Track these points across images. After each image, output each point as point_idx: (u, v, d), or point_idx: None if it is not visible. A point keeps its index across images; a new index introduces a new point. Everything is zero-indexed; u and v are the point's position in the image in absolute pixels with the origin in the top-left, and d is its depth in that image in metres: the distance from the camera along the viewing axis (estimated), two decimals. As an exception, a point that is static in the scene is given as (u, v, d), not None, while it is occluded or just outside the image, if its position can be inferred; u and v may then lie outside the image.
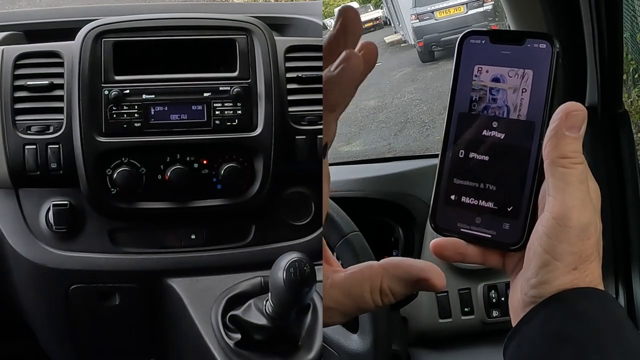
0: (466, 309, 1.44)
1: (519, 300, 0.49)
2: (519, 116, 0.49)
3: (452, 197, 0.51)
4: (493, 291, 1.43)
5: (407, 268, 0.45)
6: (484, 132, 0.50)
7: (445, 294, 1.45)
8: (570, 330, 0.44)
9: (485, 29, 0.52)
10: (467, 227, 0.51)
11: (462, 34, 0.52)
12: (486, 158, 0.50)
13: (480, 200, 0.50)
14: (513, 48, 0.50)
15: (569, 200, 0.46)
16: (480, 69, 0.51)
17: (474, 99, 0.51)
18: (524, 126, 0.49)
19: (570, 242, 0.45)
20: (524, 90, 0.49)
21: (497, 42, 0.51)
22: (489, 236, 0.50)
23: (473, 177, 0.51)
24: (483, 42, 0.51)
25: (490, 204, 0.50)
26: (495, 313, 1.43)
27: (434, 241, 0.52)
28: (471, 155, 0.51)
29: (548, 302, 0.46)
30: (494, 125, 0.50)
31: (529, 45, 0.50)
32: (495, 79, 0.50)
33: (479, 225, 0.50)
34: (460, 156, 0.51)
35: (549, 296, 0.46)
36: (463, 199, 0.51)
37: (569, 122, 0.46)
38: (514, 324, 0.49)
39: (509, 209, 0.49)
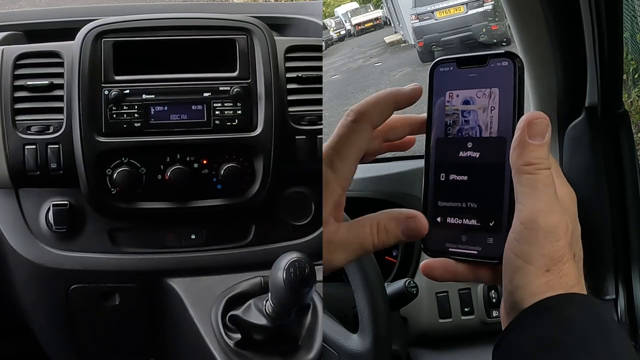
0: (466, 309, 1.44)
1: (504, 308, 0.50)
2: (490, 134, 0.51)
3: (439, 219, 0.53)
4: (493, 291, 1.43)
5: (400, 211, 0.53)
6: (461, 154, 0.52)
7: (445, 294, 1.45)
8: (558, 336, 0.45)
9: (451, 57, 0.54)
10: (454, 247, 0.52)
11: (432, 63, 0.55)
12: (465, 178, 0.52)
13: (464, 219, 0.52)
14: (478, 70, 0.52)
15: (535, 204, 0.47)
16: (451, 94, 0.53)
17: (448, 123, 0.53)
18: (495, 143, 0.51)
19: (539, 244, 0.46)
20: (492, 108, 0.51)
21: (464, 66, 0.53)
22: (475, 252, 0.51)
23: (455, 198, 0.52)
24: (451, 68, 0.54)
25: (473, 222, 0.52)
26: (495, 313, 1.43)
27: (423, 262, 0.54)
28: (451, 177, 0.53)
29: (534, 309, 0.46)
30: (469, 146, 0.52)
31: (492, 65, 0.52)
32: (466, 102, 0.53)
33: (465, 242, 0.52)
34: (442, 179, 0.53)
35: (533, 303, 0.46)
36: (448, 219, 0.53)
37: (531, 130, 0.48)
38: (503, 329, 0.49)
39: (491, 224, 0.51)
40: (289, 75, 1.25)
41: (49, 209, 1.21)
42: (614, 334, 0.46)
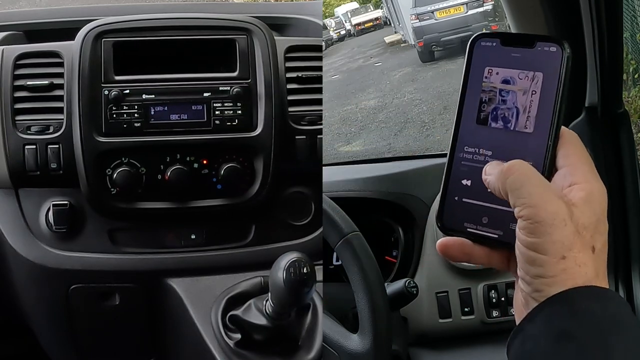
0: (466, 309, 1.44)
1: (521, 299, 0.49)
2: (528, 117, 0.50)
3: (459, 198, 0.52)
4: (493, 291, 1.43)
5: None
6: (491, 134, 0.51)
7: (445, 294, 1.45)
8: (574, 328, 0.45)
9: (495, 32, 0.53)
10: (473, 227, 0.51)
11: (473, 36, 0.53)
12: (493, 160, 0.51)
13: (487, 201, 0.51)
14: (524, 51, 0.51)
15: (529, 199, 0.47)
16: (490, 70, 0.52)
17: (483, 100, 0.52)
18: (529, 133, 0.49)
19: (547, 233, 0.46)
20: (533, 92, 0.50)
21: (508, 44, 0.52)
22: (496, 236, 0.50)
23: (480, 179, 0.51)
24: (494, 44, 0.52)
25: (497, 205, 0.50)
26: (495, 313, 1.43)
27: (440, 240, 0.53)
28: (478, 157, 0.51)
29: (551, 301, 0.46)
30: (502, 127, 0.51)
31: (539, 49, 0.50)
32: (505, 81, 0.51)
33: (486, 225, 0.51)
34: (468, 157, 0.52)
35: (553, 295, 0.46)
36: (470, 200, 0.51)
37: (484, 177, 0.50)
38: (517, 322, 0.49)
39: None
40: (289, 75, 1.25)
41: (49, 209, 1.21)
42: (631, 328, 0.46)
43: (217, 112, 1.19)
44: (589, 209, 0.48)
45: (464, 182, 0.52)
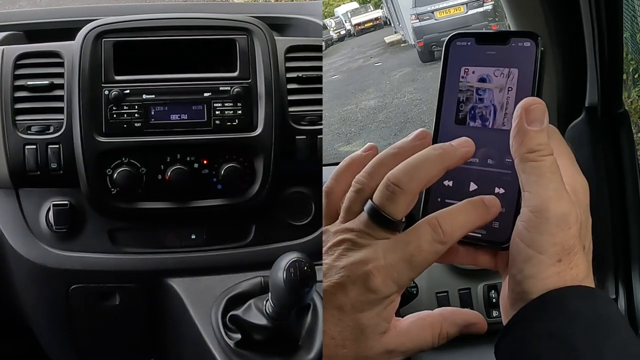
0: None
1: (508, 298, 0.48)
2: (505, 114, 0.50)
3: (442, 199, 0.52)
4: (493, 291, 1.43)
5: (462, 315, 0.52)
6: (470, 134, 0.51)
7: (445, 294, 1.45)
8: (563, 329, 0.44)
9: (470, 31, 0.53)
10: None
11: (448, 37, 0.53)
12: (474, 160, 0.51)
13: None
14: (498, 48, 0.51)
15: (544, 191, 0.46)
16: (466, 70, 0.52)
17: (461, 100, 0.52)
18: (508, 130, 0.49)
19: (550, 233, 0.45)
20: (509, 89, 0.50)
21: (483, 42, 0.52)
22: (479, 235, 0.50)
23: (462, 179, 0.51)
24: (469, 43, 0.52)
25: None
26: (495, 313, 1.43)
27: None
28: None
29: (539, 301, 0.45)
30: (480, 126, 0.51)
31: (513, 45, 0.50)
32: (482, 79, 0.51)
33: None
34: None
35: (540, 295, 0.45)
36: (452, 200, 0.51)
37: (529, 116, 0.47)
38: (504, 322, 0.49)
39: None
40: (289, 75, 1.25)
41: (49, 209, 1.21)
42: (620, 329, 0.45)
43: (217, 112, 1.19)
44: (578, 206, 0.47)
45: (446, 183, 0.51)
